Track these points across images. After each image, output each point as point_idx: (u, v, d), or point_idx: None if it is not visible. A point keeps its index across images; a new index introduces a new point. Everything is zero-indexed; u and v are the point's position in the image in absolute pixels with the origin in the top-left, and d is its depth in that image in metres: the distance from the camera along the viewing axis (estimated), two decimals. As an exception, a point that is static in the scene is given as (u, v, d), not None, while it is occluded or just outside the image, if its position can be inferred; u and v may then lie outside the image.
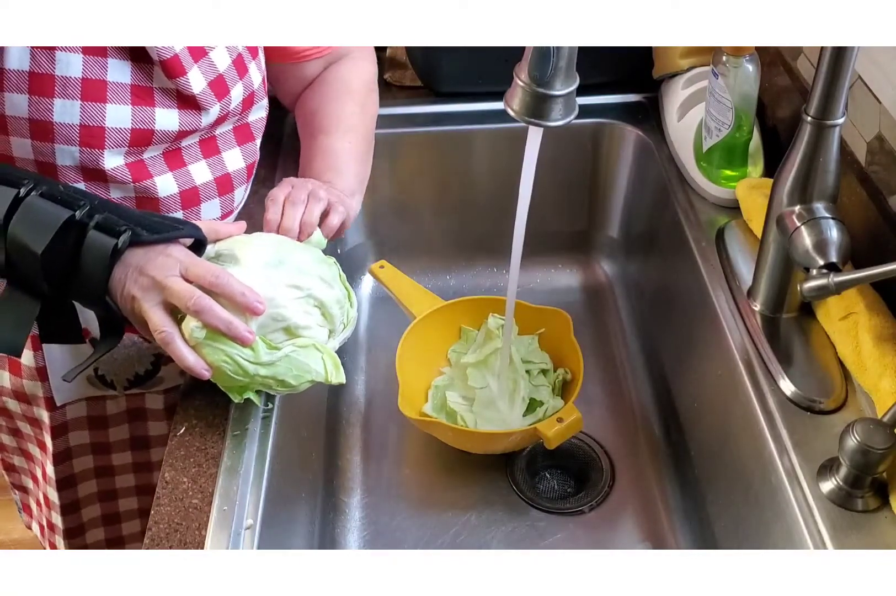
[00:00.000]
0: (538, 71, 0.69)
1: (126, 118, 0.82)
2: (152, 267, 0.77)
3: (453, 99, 1.25)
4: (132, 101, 0.82)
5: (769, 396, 0.85)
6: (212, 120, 0.88)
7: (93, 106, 0.81)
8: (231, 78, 0.88)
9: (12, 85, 0.79)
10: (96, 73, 0.80)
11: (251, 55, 0.92)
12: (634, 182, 1.24)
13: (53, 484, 1.10)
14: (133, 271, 0.77)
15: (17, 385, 1.02)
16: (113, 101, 0.81)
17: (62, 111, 0.80)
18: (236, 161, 0.95)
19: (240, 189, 0.97)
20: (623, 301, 1.27)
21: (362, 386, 1.17)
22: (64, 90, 0.79)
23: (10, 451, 1.16)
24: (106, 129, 0.82)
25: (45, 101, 0.79)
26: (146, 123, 0.83)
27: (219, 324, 0.75)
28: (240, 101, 0.91)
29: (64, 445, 1.07)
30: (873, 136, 0.89)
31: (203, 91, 0.85)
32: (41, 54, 0.78)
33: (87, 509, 1.14)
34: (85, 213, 0.75)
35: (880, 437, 0.72)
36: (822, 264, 0.80)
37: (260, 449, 0.81)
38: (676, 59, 1.18)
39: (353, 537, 1.00)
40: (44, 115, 0.80)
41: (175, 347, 0.76)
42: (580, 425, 0.97)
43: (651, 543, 0.98)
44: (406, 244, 1.30)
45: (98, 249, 0.75)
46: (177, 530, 0.74)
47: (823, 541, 0.74)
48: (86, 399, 1.03)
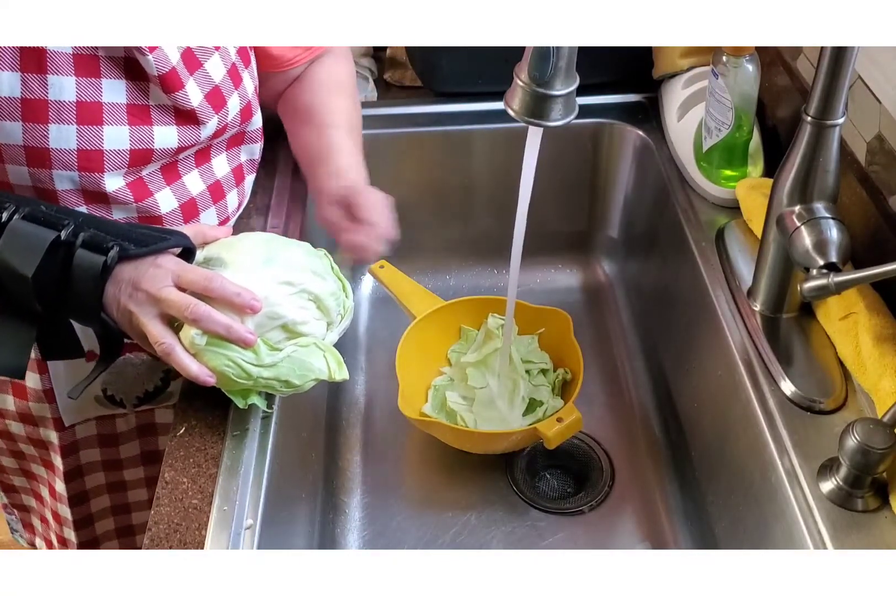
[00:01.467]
0: (538, 71, 0.69)
1: (124, 139, 0.81)
2: (145, 280, 0.76)
3: (453, 99, 1.25)
4: (129, 121, 0.81)
5: (769, 396, 0.85)
6: (210, 133, 0.87)
7: (89, 129, 0.79)
8: (227, 89, 0.88)
9: (5, 113, 0.77)
10: (91, 95, 0.79)
11: (244, 63, 0.91)
12: (634, 182, 1.24)
13: (65, 501, 1.09)
14: (126, 286, 0.76)
15: (22, 408, 1.01)
16: (109, 122, 0.80)
17: (58, 137, 0.78)
18: (222, 166, 0.94)
19: (231, 194, 0.96)
20: (623, 301, 1.27)
21: (362, 386, 1.17)
22: (59, 115, 0.78)
23: (10, 472, 1.15)
24: (104, 152, 0.81)
25: (39, 127, 0.78)
26: (145, 142, 0.82)
27: (219, 329, 0.75)
28: (237, 112, 0.90)
29: (75, 462, 1.06)
30: (873, 136, 0.89)
31: (201, 104, 0.84)
32: (32, 79, 0.76)
33: (100, 523, 1.14)
34: (70, 232, 0.74)
35: (880, 437, 0.72)
36: (822, 264, 0.80)
37: (260, 449, 0.81)
38: (676, 59, 1.18)
39: (353, 537, 1.00)
40: (39, 142, 0.78)
41: (176, 357, 0.75)
42: (580, 425, 0.97)
43: (651, 543, 0.98)
44: (406, 244, 1.29)
45: (88, 268, 0.74)
46: (177, 530, 0.74)
47: (823, 541, 0.74)
48: (95, 418, 1.03)
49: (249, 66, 0.93)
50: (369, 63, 1.31)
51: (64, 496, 1.09)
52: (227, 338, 0.76)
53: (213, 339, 0.76)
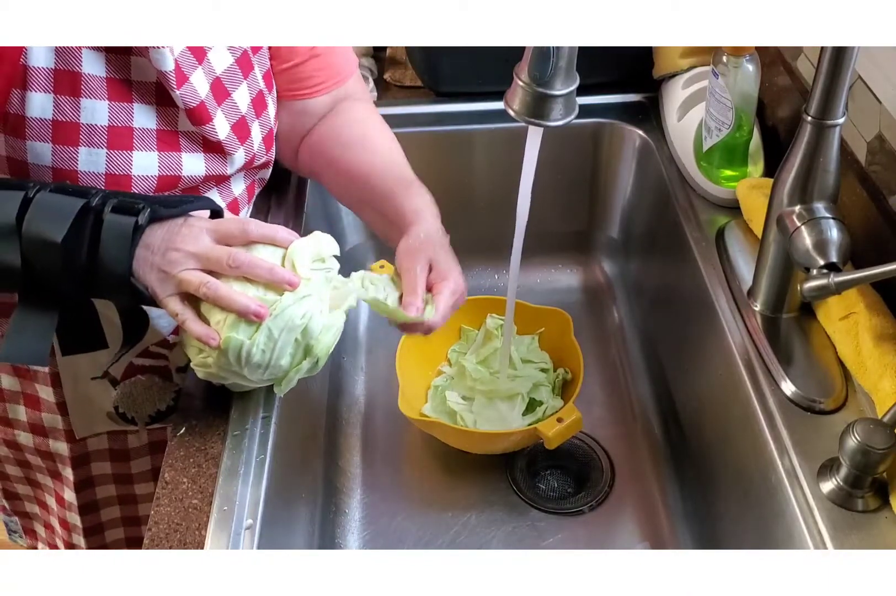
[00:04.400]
0: (538, 71, 0.69)
1: (153, 165, 0.80)
2: (179, 239, 0.75)
3: (453, 99, 1.25)
4: (158, 147, 0.80)
5: (769, 396, 0.85)
6: (240, 165, 0.87)
7: (119, 154, 0.79)
8: (250, 117, 0.87)
9: (34, 133, 0.76)
10: (122, 120, 0.78)
11: (268, 88, 0.90)
12: (634, 182, 1.24)
13: (75, 509, 1.09)
14: (159, 248, 0.75)
15: (34, 418, 1.01)
16: (139, 148, 0.79)
17: (87, 160, 0.78)
18: (239, 185, 0.93)
19: (243, 211, 0.96)
20: (623, 301, 1.27)
21: (362, 386, 1.17)
22: (90, 139, 0.77)
23: (15, 480, 1.14)
24: (133, 178, 0.80)
25: (69, 149, 0.77)
26: (173, 169, 0.82)
27: (262, 272, 0.75)
28: (261, 140, 0.89)
29: (85, 474, 1.06)
30: (873, 136, 0.89)
31: (228, 136, 0.84)
32: (65, 102, 0.76)
33: (110, 532, 1.14)
34: (99, 199, 0.74)
35: (880, 437, 0.72)
36: (823, 264, 0.80)
37: (260, 449, 0.81)
38: (676, 59, 1.18)
39: (353, 537, 1.00)
40: (68, 164, 0.78)
41: (223, 292, 0.74)
42: (580, 425, 0.97)
43: (651, 543, 0.98)
44: (406, 244, 1.30)
45: (119, 230, 0.73)
46: (177, 530, 0.74)
47: (823, 541, 0.74)
48: (107, 433, 1.02)
49: (272, 91, 0.92)
50: (369, 63, 1.31)
51: (74, 504, 1.08)
52: (271, 279, 0.75)
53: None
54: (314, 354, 0.78)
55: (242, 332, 0.75)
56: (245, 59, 0.87)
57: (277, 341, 0.76)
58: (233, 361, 0.76)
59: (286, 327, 0.76)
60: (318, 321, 0.77)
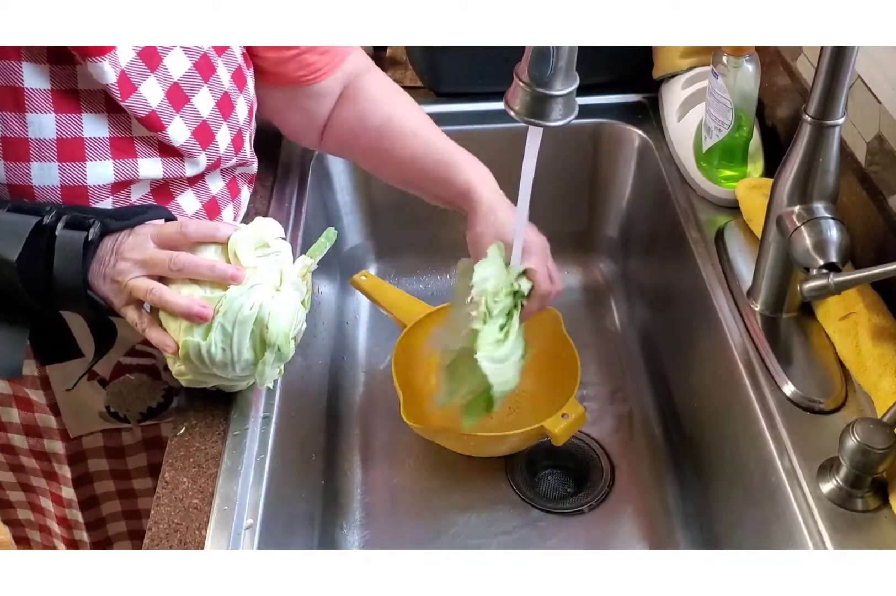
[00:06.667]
0: (538, 71, 0.69)
1: (108, 173, 0.80)
2: (126, 248, 0.77)
3: (453, 99, 1.25)
4: (113, 155, 0.79)
5: (769, 396, 0.85)
6: (202, 168, 0.86)
7: (71, 166, 0.78)
8: (215, 122, 0.85)
9: None
10: (71, 132, 0.77)
11: (238, 88, 0.89)
12: (634, 182, 1.24)
13: (75, 505, 1.09)
14: (110, 259, 0.77)
15: (27, 420, 1.01)
16: (92, 157, 0.78)
17: (40, 174, 0.77)
18: (217, 182, 0.92)
19: (227, 209, 0.95)
20: (623, 301, 1.27)
21: (362, 387, 1.17)
22: (40, 153, 0.76)
23: (7, 487, 1.14)
24: (88, 188, 0.79)
25: (21, 165, 0.77)
26: (129, 175, 0.81)
27: (203, 270, 0.76)
28: (228, 143, 0.88)
29: (83, 470, 1.06)
30: (873, 136, 0.89)
31: (187, 141, 0.83)
32: (11, 118, 0.75)
33: (112, 525, 1.14)
34: (52, 216, 0.75)
35: (880, 437, 0.72)
36: (822, 264, 0.80)
37: (260, 449, 0.81)
38: (676, 59, 1.18)
39: (353, 537, 1.00)
40: (22, 180, 0.77)
41: (168, 297, 0.76)
42: (584, 420, 0.97)
43: (651, 543, 0.98)
44: (405, 244, 1.30)
45: (70, 246, 0.75)
46: (177, 530, 0.74)
47: (823, 541, 0.74)
48: (101, 431, 1.03)
49: (244, 90, 0.90)
50: (369, 63, 1.31)
51: (74, 501, 1.08)
52: (213, 277, 0.76)
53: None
54: (271, 343, 0.77)
55: (197, 333, 0.76)
56: (205, 62, 0.84)
57: (233, 336, 0.76)
58: (197, 363, 0.77)
59: (237, 320, 0.76)
60: (266, 309, 0.77)
